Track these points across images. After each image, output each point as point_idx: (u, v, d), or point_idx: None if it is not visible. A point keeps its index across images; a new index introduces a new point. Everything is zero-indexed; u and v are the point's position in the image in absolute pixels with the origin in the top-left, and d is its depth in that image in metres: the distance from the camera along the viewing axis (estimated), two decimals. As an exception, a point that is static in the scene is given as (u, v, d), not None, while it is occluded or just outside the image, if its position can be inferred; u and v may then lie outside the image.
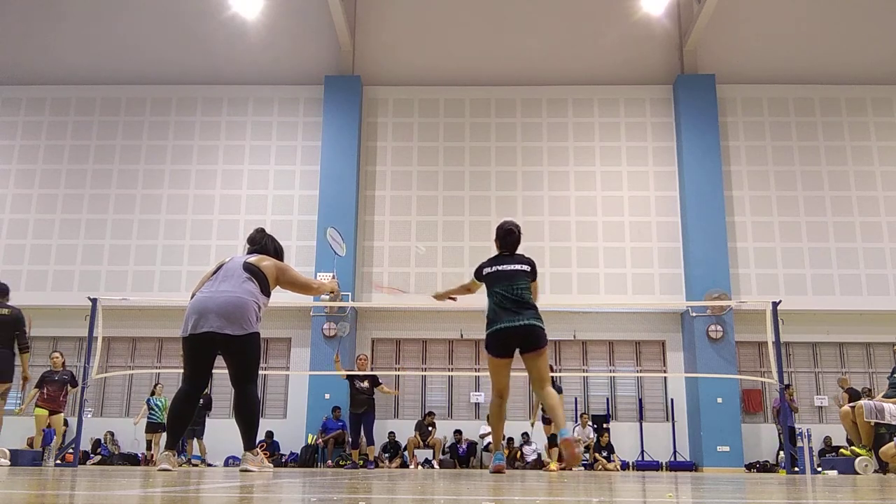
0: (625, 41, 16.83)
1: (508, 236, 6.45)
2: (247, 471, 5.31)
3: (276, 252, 5.97)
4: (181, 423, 5.38)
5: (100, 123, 17.16)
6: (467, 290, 6.65)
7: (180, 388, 5.38)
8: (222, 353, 5.34)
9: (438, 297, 6.94)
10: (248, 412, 5.39)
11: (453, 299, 6.95)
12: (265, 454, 14.88)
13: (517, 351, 6.04)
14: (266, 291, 5.60)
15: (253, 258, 5.67)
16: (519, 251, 6.47)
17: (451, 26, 17.06)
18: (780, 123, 16.72)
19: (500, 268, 6.26)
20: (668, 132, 16.73)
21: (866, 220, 16.15)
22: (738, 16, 16.67)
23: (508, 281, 6.16)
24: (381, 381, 13.39)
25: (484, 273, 6.33)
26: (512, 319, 5.96)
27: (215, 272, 5.59)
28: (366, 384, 13.12)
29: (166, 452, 5.31)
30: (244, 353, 5.32)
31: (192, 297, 5.48)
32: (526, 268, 6.28)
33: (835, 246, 16.03)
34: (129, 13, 17.10)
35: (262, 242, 5.92)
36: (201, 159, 16.85)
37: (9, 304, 9.00)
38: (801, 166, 16.47)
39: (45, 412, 11.45)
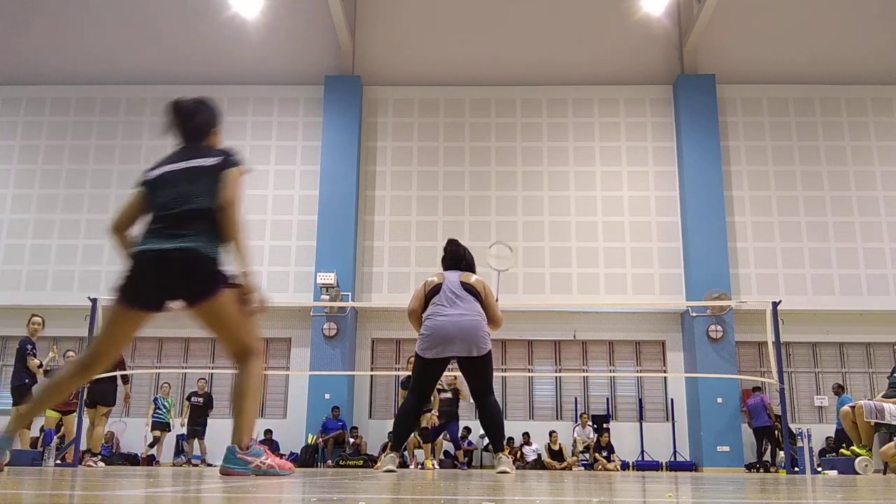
0: (625, 41, 16.83)
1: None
2: (504, 472, 5.62)
3: (472, 263, 6.21)
4: (408, 430, 5.94)
5: (100, 123, 17.17)
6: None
7: (408, 400, 5.85)
8: (463, 369, 5.81)
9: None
10: (494, 419, 5.82)
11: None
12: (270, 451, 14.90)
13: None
14: (480, 301, 5.94)
15: (463, 277, 5.95)
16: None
17: (451, 26, 17.07)
18: (780, 123, 16.72)
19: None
20: (668, 132, 16.74)
21: (866, 220, 16.15)
22: (738, 16, 16.67)
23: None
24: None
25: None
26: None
27: (434, 290, 5.88)
28: (449, 394, 12.92)
29: (392, 454, 5.74)
30: (485, 368, 5.76)
31: (412, 315, 5.96)
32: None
33: (835, 246, 16.04)
34: (130, 13, 17.11)
35: (464, 257, 6.18)
36: (201, 159, 16.83)
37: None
38: (801, 166, 16.48)
39: (57, 414, 11.44)
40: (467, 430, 15.05)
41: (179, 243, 3.63)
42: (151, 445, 14.38)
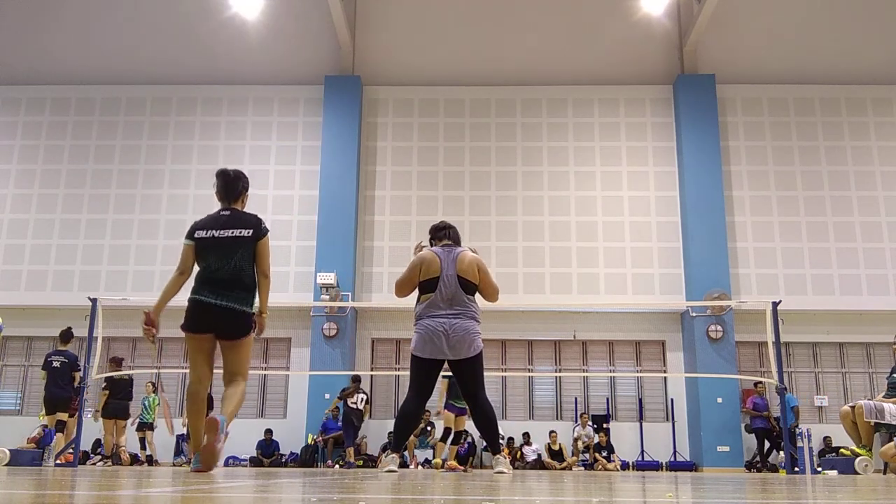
0: (625, 41, 16.83)
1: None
2: (501, 472, 5.62)
3: (458, 239, 6.17)
4: (409, 430, 5.89)
5: (100, 123, 17.16)
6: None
7: (408, 400, 5.81)
8: (453, 369, 5.80)
9: None
10: (488, 419, 5.77)
11: None
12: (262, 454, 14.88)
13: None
14: (474, 292, 5.92)
15: (459, 264, 5.86)
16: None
17: (451, 26, 17.07)
18: (780, 123, 16.72)
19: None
20: (668, 132, 16.73)
21: (866, 220, 16.15)
22: (738, 16, 16.67)
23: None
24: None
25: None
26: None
27: (430, 282, 5.80)
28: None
29: (392, 455, 5.74)
30: (475, 369, 5.75)
31: (399, 285, 5.93)
32: None
33: (835, 246, 16.03)
34: (129, 13, 17.11)
35: (453, 238, 6.11)
36: (201, 159, 16.85)
37: (122, 371, 12.81)
38: (801, 166, 16.47)
39: (66, 416, 11.83)
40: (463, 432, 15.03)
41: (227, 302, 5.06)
42: (142, 447, 14.35)
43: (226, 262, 5.06)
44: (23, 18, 17.20)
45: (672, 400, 15.81)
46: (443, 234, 6.07)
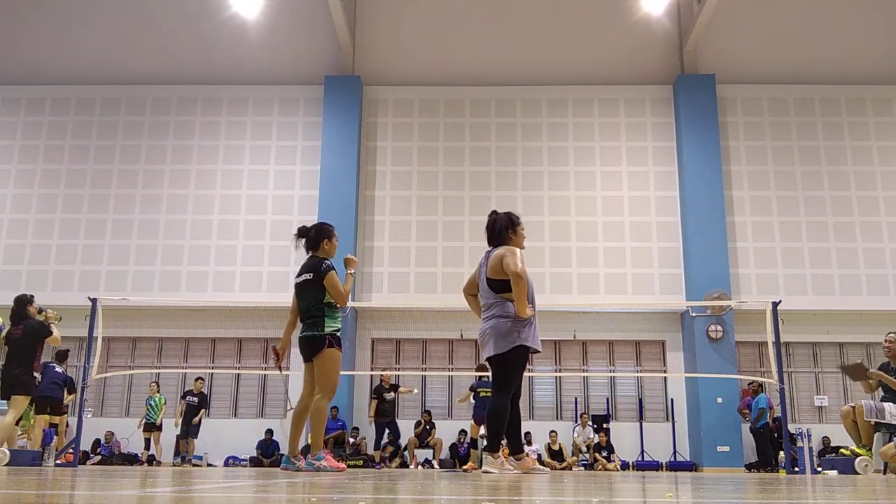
0: (625, 41, 16.83)
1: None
2: (487, 472, 5.62)
3: (506, 228, 6.19)
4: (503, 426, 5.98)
5: (100, 123, 17.17)
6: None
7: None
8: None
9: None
10: (489, 418, 5.87)
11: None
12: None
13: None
14: (508, 289, 5.93)
15: (490, 267, 6.05)
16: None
17: (451, 26, 17.07)
18: (780, 123, 16.72)
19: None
20: (668, 132, 16.74)
21: (866, 220, 16.15)
22: (738, 16, 16.68)
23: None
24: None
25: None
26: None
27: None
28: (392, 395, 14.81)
29: (496, 456, 5.81)
30: (497, 367, 5.91)
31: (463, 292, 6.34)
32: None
33: (835, 246, 16.04)
34: (130, 13, 17.11)
35: (491, 233, 6.26)
36: (201, 159, 16.85)
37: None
38: (801, 166, 16.48)
39: (58, 419, 12.07)
40: (463, 432, 15.06)
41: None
42: (147, 447, 14.42)
43: (301, 301, 6.33)
44: (23, 18, 17.19)
45: (672, 400, 15.81)
46: (488, 232, 6.24)
